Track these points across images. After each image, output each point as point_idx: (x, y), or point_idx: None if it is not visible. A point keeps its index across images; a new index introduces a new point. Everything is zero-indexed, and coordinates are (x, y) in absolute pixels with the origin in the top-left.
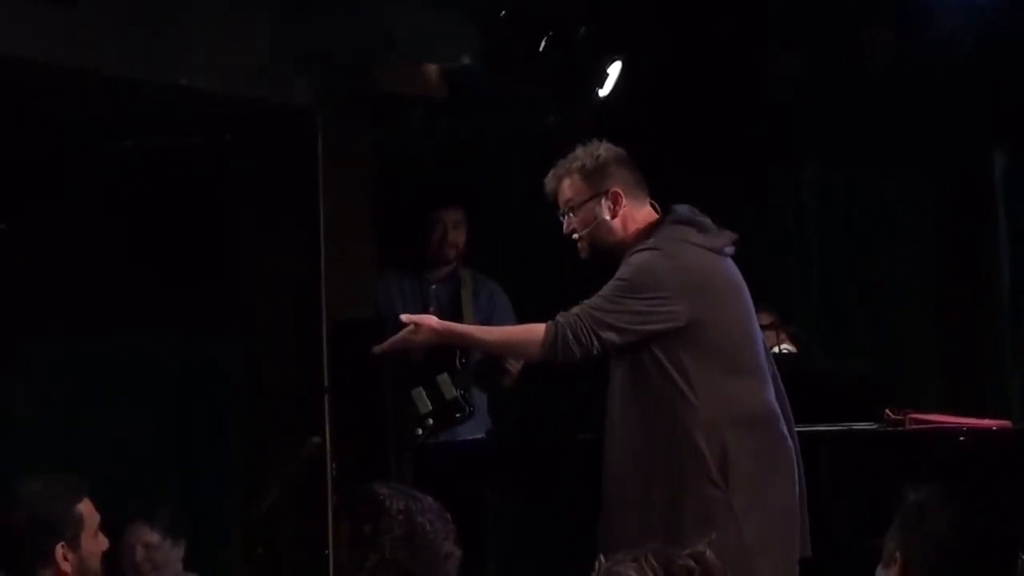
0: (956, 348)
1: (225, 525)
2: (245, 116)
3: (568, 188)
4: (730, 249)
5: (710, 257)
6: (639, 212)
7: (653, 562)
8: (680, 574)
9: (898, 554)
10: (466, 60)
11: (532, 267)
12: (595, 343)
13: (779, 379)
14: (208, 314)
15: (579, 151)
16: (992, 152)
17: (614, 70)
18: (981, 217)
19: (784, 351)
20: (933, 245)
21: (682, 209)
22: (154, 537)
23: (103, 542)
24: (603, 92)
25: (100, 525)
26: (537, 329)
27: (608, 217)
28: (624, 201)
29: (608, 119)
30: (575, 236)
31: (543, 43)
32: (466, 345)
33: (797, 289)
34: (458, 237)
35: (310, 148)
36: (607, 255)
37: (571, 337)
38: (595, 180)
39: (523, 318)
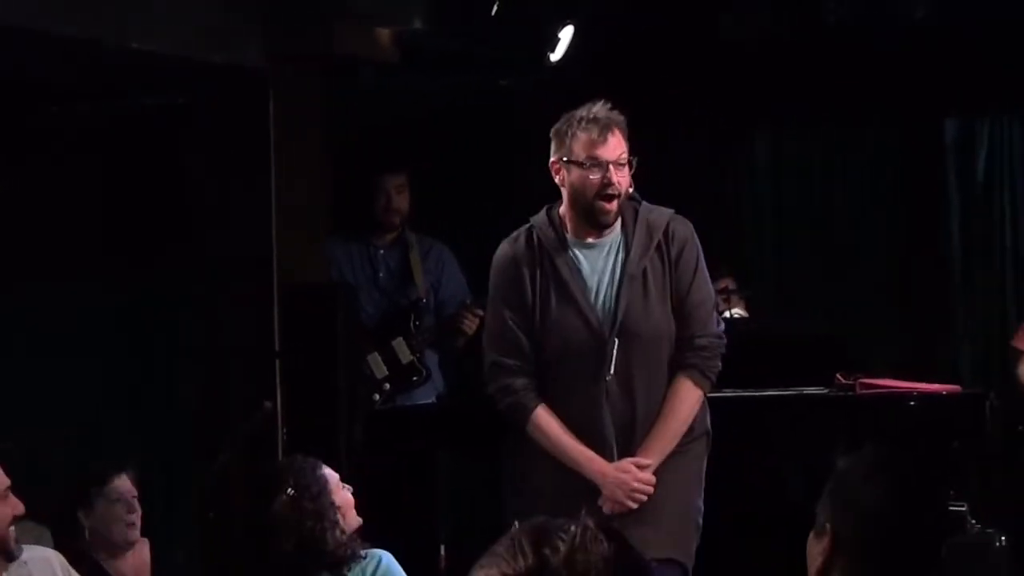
0: (910, 311)
1: (176, 489)
2: (197, 78)
3: (623, 140)
4: None
5: None
6: None
7: (524, 544)
8: (551, 556)
9: (828, 526)
10: (418, 23)
11: (482, 229)
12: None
13: None
14: (160, 277)
15: (600, 106)
16: (943, 117)
17: (566, 35)
18: (932, 183)
19: (736, 316)
20: (890, 209)
21: None
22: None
23: (15, 505)
24: (555, 57)
25: (8, 488)
26: (691, 395)
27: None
28: None
29: (561, 82)
30: (619, 194)
31: (495, 6)
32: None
33: (753, 250)
34: (402, 202)
35: (262, 110)
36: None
37: (713, 366)
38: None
39: (472, 279)
